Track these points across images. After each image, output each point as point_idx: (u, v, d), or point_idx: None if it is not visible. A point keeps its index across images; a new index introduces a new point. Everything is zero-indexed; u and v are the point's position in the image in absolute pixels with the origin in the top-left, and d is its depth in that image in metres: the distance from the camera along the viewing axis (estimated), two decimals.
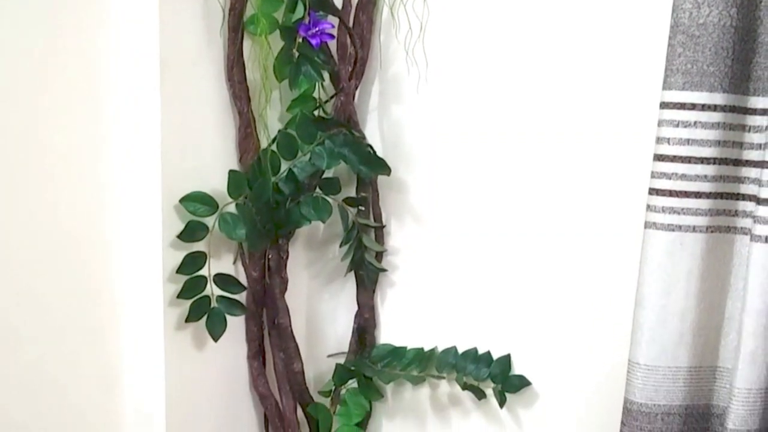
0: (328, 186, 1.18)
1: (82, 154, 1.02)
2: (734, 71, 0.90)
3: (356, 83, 1.15)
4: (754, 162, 0.93)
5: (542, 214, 1.12)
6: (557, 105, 1.08)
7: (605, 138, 1.06)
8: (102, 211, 1.06)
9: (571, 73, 1.06)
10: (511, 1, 1.08)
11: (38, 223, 0.98)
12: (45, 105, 0.97)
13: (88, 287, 1.06)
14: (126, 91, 1.04)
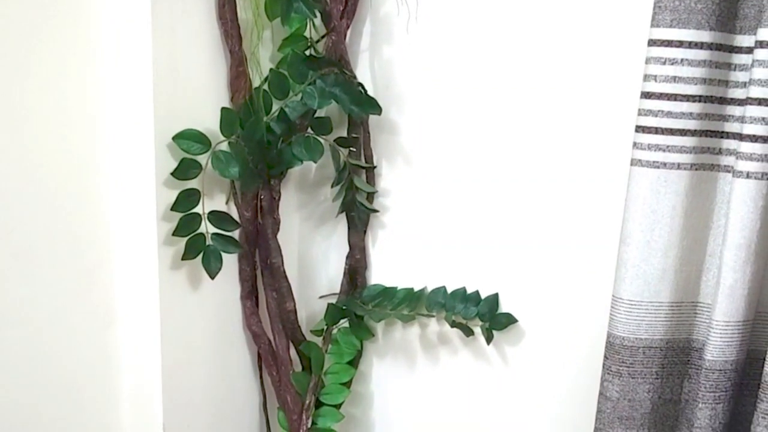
0: (320, 126, 1.19)
1: (72, 94, 1.02)
2: (721, 9, 0.91)
3: (347, 22, 1.15)
4: (739, 100, 0.94)
5: (531, 156, 1.13)
6: (548, 48, 1.09)
7: (594, 81, 1.07)
8: (94, 149, 1.06)
9: (562, 16, 1.07)
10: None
11: (28, 163, 0.99)
12: (35, 46, 0.97)
13: (82, 226, 1.07)
14: (116, 29, 1.04)
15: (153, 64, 1.03)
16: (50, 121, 1.00)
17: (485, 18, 1.11)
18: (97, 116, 1.06)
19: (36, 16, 0.97)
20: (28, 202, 1.00)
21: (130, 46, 1.04)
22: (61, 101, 1.01)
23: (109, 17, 1.03)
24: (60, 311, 1.06)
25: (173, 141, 1.08)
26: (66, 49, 1.00)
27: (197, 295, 1.18)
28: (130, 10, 1.02)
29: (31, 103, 0.98)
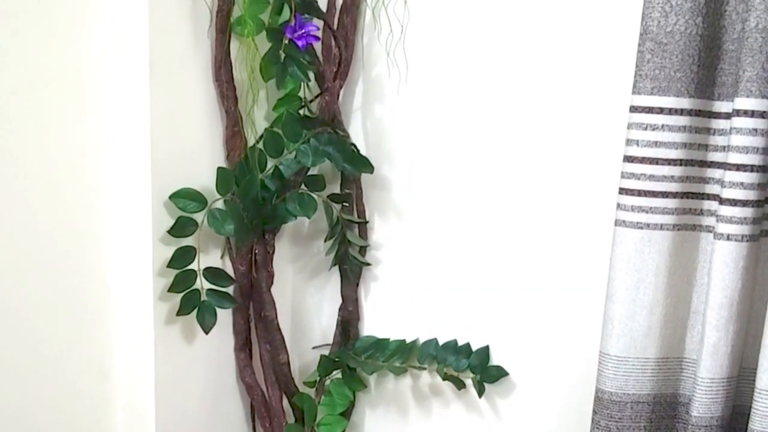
0: (313, 183, 1.22)
1: (72, 152, 1.05)
2: (700, 77, 0.94)
3: (340, 83, 1.19)
4: (718, 163, 0.98)
5: (521, 213, 1.16)
6: (534, 106, 1.12)
7: (580, 140, 1.10)
8: (92, 208, 1.09)
9: (547, 76, 1.10)
10: (487, 6, 1.11)
11: (29, 220, 1.01)
12: (35, 103, 1.00)
13: (80, 283, 1.09)
14: (116, 90, 1.07)
15: (151, 124, 1.06)
16: (49, 179, 1.03)
17: (472, 80, 1.14)
18: (96, 175, 1.08)
19: (37, 74, 1.00)
20: (26, 257, 1.02)
21: (129, 106, 1.07)
22: (60, 159, 1.04)
23: (108, 77, 1.06)
24: (56, 364, 1.07)
25: (170, 199, 1.10)
26: (65, 108, 1.03)
27: (191, 348, 1.19)
28: (129, 70, 1.05)
29: (29, 160, 1.00)
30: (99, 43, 1.05)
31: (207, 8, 1.08)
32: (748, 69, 0.89)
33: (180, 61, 1.08)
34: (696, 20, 0.92)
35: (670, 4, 0.92)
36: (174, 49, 1.07)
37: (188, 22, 1.07)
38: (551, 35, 1.09)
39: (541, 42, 1.10)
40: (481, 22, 1.12)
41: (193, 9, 1.07)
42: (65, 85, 1.03)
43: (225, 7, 1.08)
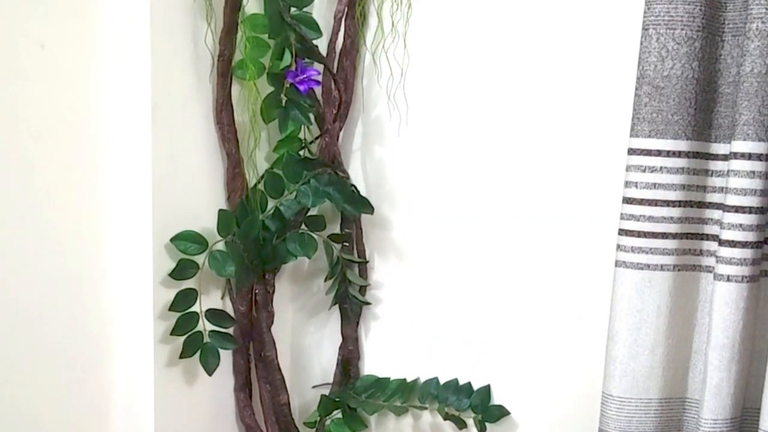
0: (314, 223, 1.22)
1: (73, 195, 1.05)
2: (697, 120, 0.96)
3: (340, 125, 1.20)
4: (717, 204, 0.99)
5: (520, 253, 1.16)
6: (533, 148, 1.13)
7: (580, 183, 1.11)
8: (93, 251, 1.09)
9: (545, 121, 1.11)
10: (485, 50, 1.13)
11: (30, 263, 1.01)
12: (38, 147, 1.00)
13: (80, 327, 1.09)
14: (117, 133, 1.08)
15: (152, 167, 1.07)
16: (49, 221, 1.03)
17: (472, 124, 1.15)
18: (97, 218, 1.08)
19: (41, 117, 1.00)
20: (27, 302, 1.01)
21: (130, 150, 1.07)
22: (60, 202, 1.04)
23: (110, 121, 1.07)
24: (57, 406, 1.06)
25: (171, 242, 1.10)
26: (67, 151, 1.03)
27: (191, 389, 1.19)
28: (131, 114, 1.06)
29: (30, 203, 1.00)
30: (102, 86, 1.06)
31: (209, 53, 1.10)
32: (744, 113, 0.90)
33: (182, 104, 1.09)
34: (692, 65, 0.94)
35: (666, 49, 0.93)
36: (176, 93, 1.08)
37: (190, 66, 1.09)
38: (548, 79, 1.10)
39: (538, 84, 1.11)
40: (481, 65, 1.14)
41: (194, 54, 1.09)
42: (68, 128, 1.03)
43: (226, 52, 1.09)
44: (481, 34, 1.12)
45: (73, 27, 1.01)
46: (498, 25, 1.11)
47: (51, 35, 0.99)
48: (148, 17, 1.02)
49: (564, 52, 1.09)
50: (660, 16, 0.93)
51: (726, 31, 0.95)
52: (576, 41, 1.08)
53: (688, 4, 0.92)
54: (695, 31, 0.93)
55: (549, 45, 1.09)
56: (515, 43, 1.11)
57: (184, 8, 1.06)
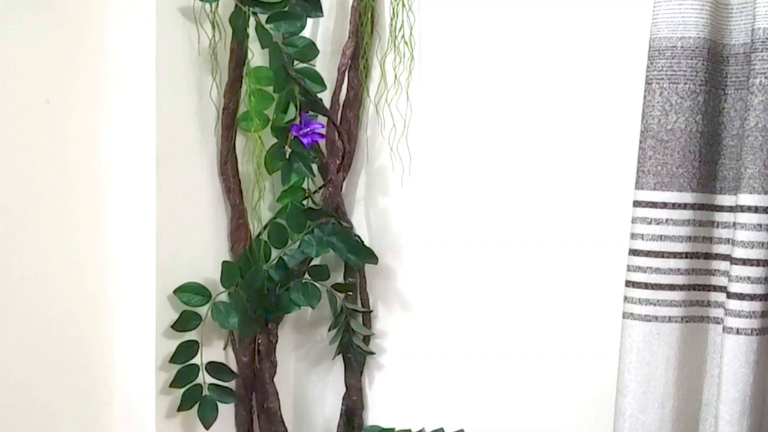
0: (317, 272, 1.21)
1: (77, 247, 1.05)
2: (701, 172, 0.96)
3: (344, 175, 1.20)
4: (723, 255, 0.98)
5: (524, 303, 1.15)
6: (537, 203, 1.13)
7: (582, 236, 1.10)
8: (98, 302, 1.08)
9: (548, 173, 1.11)
10: (487, 103, 1.13)
11: (34, 313, 1.01)
12: (43, 199, 1.00)
13: (83, 378, 1.08)
14: (122, 185, 1.08)
15: (156, 219, 1.07)
16: (53, 271, 1.02)
17: (475, 175, 1.15)
18: (102, 269, 1.08)
19: (46, 169, 1.00)
20: (32, 354, 1.00)
21: (135, 202, 1.07)
22: (64, 254, 1.03)
23: (116, 174, 1.07)
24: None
25: (174, 294, 1.09)
26: (73, 204, 1.03)
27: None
28: (136, 166, 1.06)
29: (38, 255, 1.00)
30: (107, 140, 1.06)
31: (213, 106, 1.10)
32: (749, 166, 0.90)
33: (186, 157, 1.09)
34: (696, 118, 0.94)
35: (669, 103, 0.94)
36: (180, 145, 1.08)
37: (194, 119, 1.09)
38: (551, 134, 1.10)
39: (542, 133, 1.11)
40: (483, 118, 1.14)
41: (199, 107, 1.09)
42: (72, 181, 1.03)
43: (231, 105, 1.10)
44: (484, 87, 1.13)
45: (79, 82, 1.02)
46: (500, 79, 1.12)
47: (56, 90, 1.00)
48: (154, 72, 1.03)
49: (567, 99, 1.09)
50: (663, 71, 0.93)
51: (729, 84, 0.96)
52: (581, 88, 1.08)
53: (691, 59, 0.93)
54: (698, 85, 0.93)
55: (553, 95, 1.10)
56: (517, 95, 1.11)
57: (189, 62, 1.07)
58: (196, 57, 1.07)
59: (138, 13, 1.03)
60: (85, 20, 1.02)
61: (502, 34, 1.11)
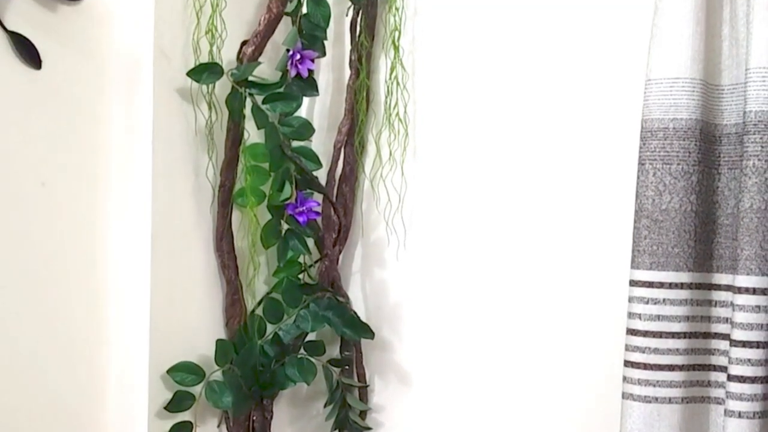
0: (313, 348, 1.20)
1: (72, 328, 1.04)
2: (698, 251, 0.96)
3: (340, 248, 1.19)
4: (722, 335, 0.97)
5: (521, 376, 1.14)
6: (533, 280, 1.12)
7: (579, 306, 1.10)
8: (90, 383, 1.06)
9: (544, 248, 1.11)
10: (480, 179, 1.14)
11: (28, 390, 0.99)
12: (40, 280, 1.00)
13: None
14: (118, 264, 1.07)
15: (151, 297, 1.06)
16: (48, 355, 1.01)
17: (471, 249, 1.15)
18: (97, 350, 1.07)
19: (39, 264, 1.00)
20: None
21: (129, 281, 1.07)
22: (60, 337, 1.02)
23: (111, 253, 1.07)
24: None
25: (167, 373, 1.08)
26: (69, 282, 1.03)
27: None
28: (131, 245, 1.06)
29: (30, 337, 0.99)
30: (103, 220, 1.06)
31: (209, 184, 1.10)
32: (746, 248, 0.90)
33: (182, 234, 1.09)
34: (690, 198, 0.94)
35: (663, 183, 0.94)
36: (176, 223, 1.08)
37: (190, 197, 1.09)
38: (545, 213, 1.11)
39: (536, 203, 1.12)
40: (477, 194, 1.14)
41: (195, 185, 1.09)
42: (68, 263, 1.03)
43: (227, 183, 1.10)
44: (477, 163, 1.14)
45: (74, 163, 1.02)
46: (492, 156, 1.13)
47: (51, 173, 1.00)
48: (150, 151, 1.03)
49: (558, 173, 1.10)
50: (656, 152, 0.94)
51: (722, 164, 0.96)
52: (572, 158, 1.09)
53: (684, 140, 0.93)
54: (692, 165, 0.94)
55: (543, 174, 1.10)
56: (509, 173, 1.12)
57: (186, 141, 1.07)
58: (193, 136, 1.08)
59: (135, 94, 1.04)
60: (81, 101, 1.02)
61: (493, 112, 1.12)
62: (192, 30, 1.04)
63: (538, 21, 1.09)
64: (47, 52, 0.97)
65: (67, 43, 0.99)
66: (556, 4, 1.07)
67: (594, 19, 1.06)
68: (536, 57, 1.10)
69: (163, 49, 1.03)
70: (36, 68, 0.96)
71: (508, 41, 1.10)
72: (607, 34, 1.05)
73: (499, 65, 1.11)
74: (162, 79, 1.03)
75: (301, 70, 1.06)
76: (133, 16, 1.02)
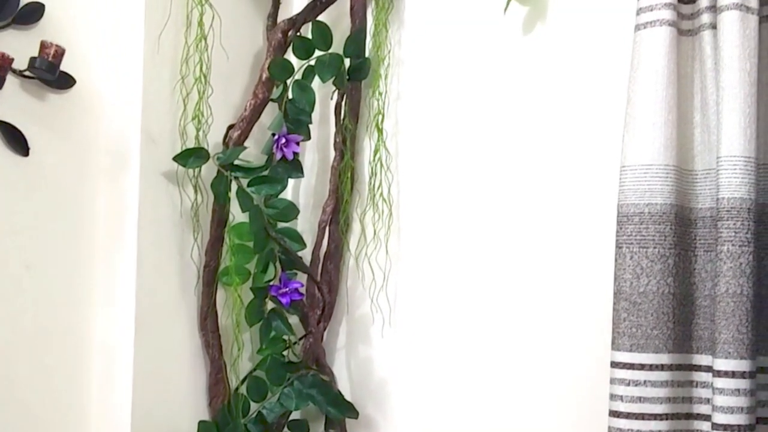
0: (297, 427, 1.19)
1: (52, 411, 1.03)
2: (677, 333, 0.96)
3: (324, 325, 1.20)
4: (704, 415, 0.97)
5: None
6: (518, 356, 1.12)
7: (564, 386, 1.10)
8: None
9: (527, 329, 1.12)
10: (465, 258, 1.14)
11: None
12: (21, 362, 0.99)
13: None
14: (102, 343, 1.07)
15: (133, 380, 1.05)
16: None
17: (454, 329, 1.15)
18: (78, 429, 1.06)
19: (22, 346, 1.00)
20: None
21: (112, 362, 1.06)
22: (41, 419, 1.01)
23: (95, 338, 1.07)
24: None
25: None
26: (50, 374, 1.02)
27: None
28: (116, 327, 1.06)
29: (12, 413, 0.98)
30: (87, 306, 1.06)
31: (194, 266, 1.11)
32: (723, 331, 0.91)
33: (166, 315, 1.09)
34: (667, 280, 0.95)
35: (640, 266, 0.95)
36: (160, 304, 1.09)
37: (175, 278, 1.10)
38: (530, 298, 1.12)
39: (514, 287, 1.12)
40: (459, 273, 1.15)
41: (180, 265, 1.10)
42: (51, 347, 1.03)
43: (212, 263, 1.11)
44: (460, 242, 1.15)
45: (59, 246, 1.03)
46: (474, 236, 1.14)
47: (36, 256, 1.01)
48: (135, 233, 1.04)
49: (536, 256, 1.11)
50: (632, 236, 0.96)
51: (698, 246, 0.98)
52: (548, 243, 1.10)
53: (659, 224, 0.95)
54: (667, 248, 0.95)
55: (523, 257, 1.12)
56: (492, 251, 1.13)
57: (171, 223, 1.08)
58: (179, 218, 1.09)
59: (122, 177, 1.05)
60: (68, 185, 1.04)
61: (474, 194, 1.14)
62: (179, 115, 1.07)
63: (516, 112, 1.11)
64: (35, 139, 0.99)
65: (55, 129, 1.01)
66: (534, 94, 1.10)
67: (571, 106, 1.08)
68: (515, 145, 1.11)
69: (150, 134, 1.05)
70: (23, 155, 0.98)
71: (488, 126, 1.13)
72: (583, 122, 1.07)
73: (479, 150, 1.14)
74: (149, 163, 1.05)
75: (287, 153, 1.08)
76: (122, 103, 1.04)
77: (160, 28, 1.04)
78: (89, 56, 1.04)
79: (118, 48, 1.04)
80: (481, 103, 1.13)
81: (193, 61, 1.07)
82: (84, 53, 1.04)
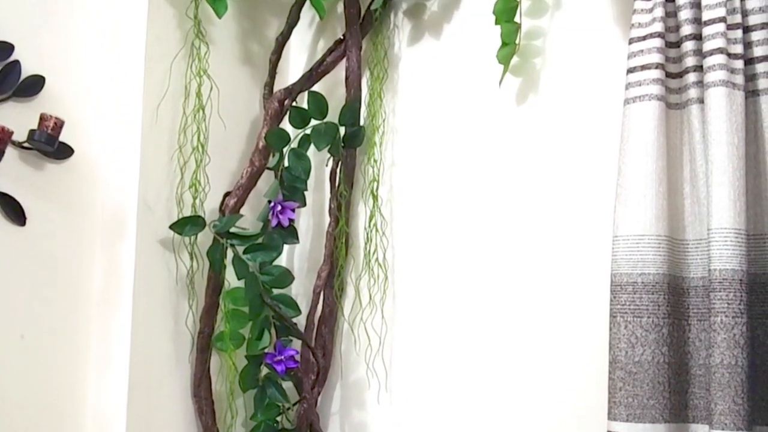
0: None
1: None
2: (672, 402, 0.96)
3: (318, 390, 1.19)
4: None
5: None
6: (513, 412, 1.12)
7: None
8: None
9: (524, 382, 1.11)
10: (462, 321, 1.14)
11: None
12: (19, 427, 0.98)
13: None
14: (95, 410, 1.06)
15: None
16: None
17: (453, 391, 1.15)
18: None
19: (15, 412, 0.98)
20: None
21: (106, 428, 1.05)
22: None
23: (89, 405, 1.06)
24: None
25: None
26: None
27: None
28: (108, 396, 1.05)
29: None
30: (81, 367, 1.05)
31: (189, 333, 1.11)
32: (719, 402, 0.91)
33: (159, 382, 1.09)
34: (662, 350, 0.96)
35: (635, 335, 0.96)
36: (154, 371, 1.08)
37: (170, 344, 1.09)
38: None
39: (508, 347, 1.12)
40: (457, 336, 1.15)
41: (175, 332, 1.10)
42: (45, 412, 1.01)
43: (206, 330, 1.11)
44: (457, 306, 1.15)
45: (54, 316, 1.03)
46: (471, 300, 1.14)
47: (31, 325, 1.00)
48: (130, 300, 1.04)
49: (530, 319, 1.11)
50: (626, 305, 0.96)
51: (691, 315, 0.99)
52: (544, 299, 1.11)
53: (652, 294, 0.96)
54: (661, 318, 0.96)
55: (514, 317, 1.12)
56: (488, 319, 1.13)
57: (167, 290, 1.08)
58: (174, 285, 1.09)
59: (118, 244, 1.06)
60: (64, 254, 1.04)
61: (469, 259, 1.14)
62: (176, 183, 1.08)
63: (510, 181, 1.12)
64: (33, 208, 1.00)
65: (52, 198, 1.02)
66: (527, 163, 1.11)
67: (563, 175, 1.09)
68: (508, 214, 1.12)
69: (147, 202, 1.05)
70: (20, 225, 0.98)
71: (481, 195, 1.14)
72: (575, 191, 1.08)
73: (473, 217, 1.15)
74: (145, 231, 1.05)
75: (282, 220, 1.09)
76: (119, 171, 1.05)
77: (159, 99, 1.05)
78: (88, 126, 1.05)
79: (116, 118, 1.06)
80: (474, 171, 1.15)
81: (191, 130, 1.08)
82: (83, 123, 1.05)
